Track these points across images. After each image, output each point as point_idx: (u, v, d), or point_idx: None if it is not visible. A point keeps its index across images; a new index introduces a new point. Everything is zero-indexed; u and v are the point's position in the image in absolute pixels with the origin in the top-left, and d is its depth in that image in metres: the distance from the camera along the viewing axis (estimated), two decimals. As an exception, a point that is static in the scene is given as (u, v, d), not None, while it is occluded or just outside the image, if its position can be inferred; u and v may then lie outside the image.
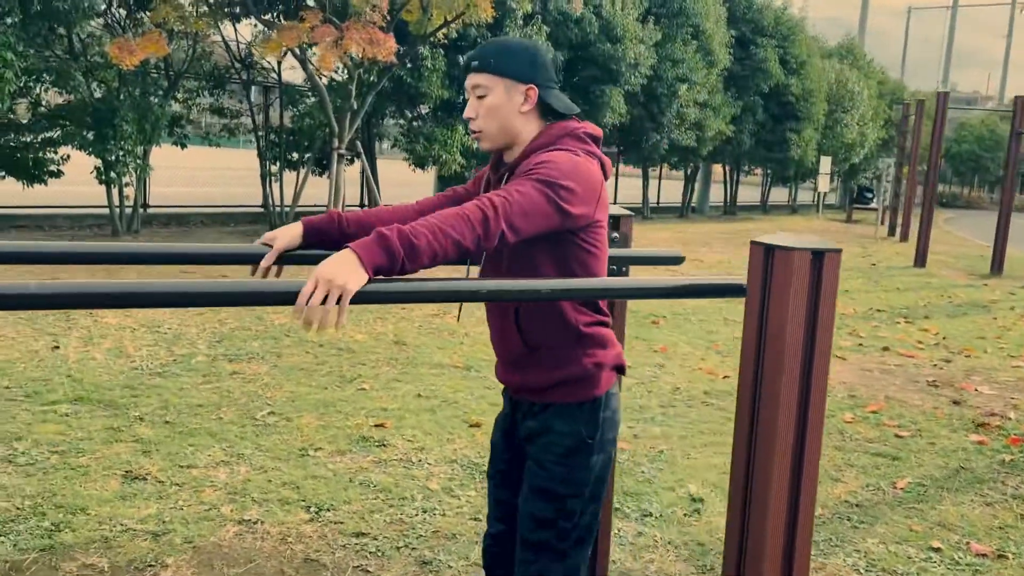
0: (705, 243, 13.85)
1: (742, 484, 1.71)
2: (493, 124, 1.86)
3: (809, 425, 1.64)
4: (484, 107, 1.85)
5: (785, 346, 1.58)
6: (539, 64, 1.87)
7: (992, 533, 3.20)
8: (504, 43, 1.89)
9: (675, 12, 15.20)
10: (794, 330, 1.58)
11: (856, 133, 21.77)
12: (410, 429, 3.96)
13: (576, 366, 1.85)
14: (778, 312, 1.58)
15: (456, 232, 1.57)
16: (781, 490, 1.65)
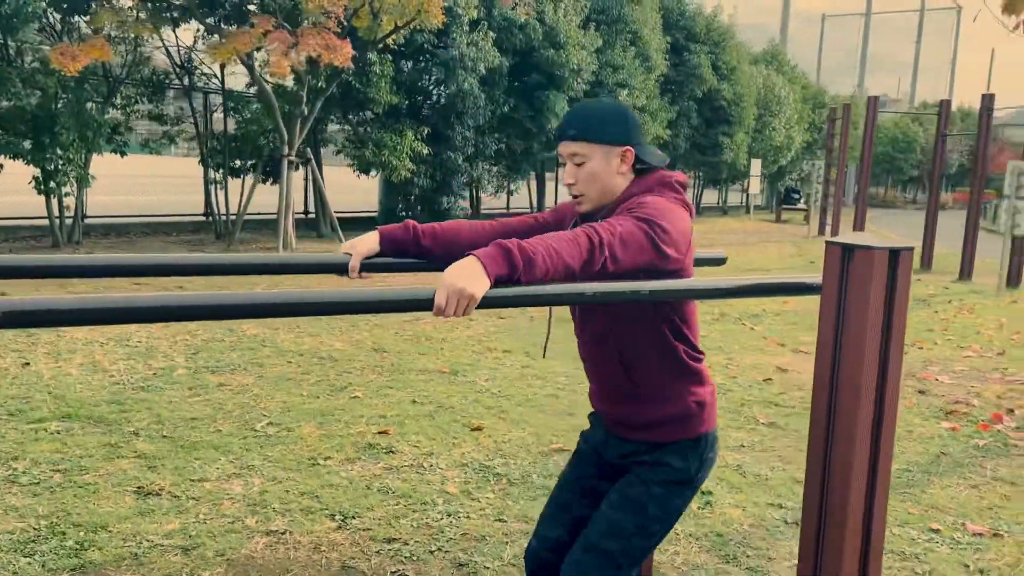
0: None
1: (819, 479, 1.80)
2: (594, 188, 1.93)
3: (884, 420, 1.74)
4: (584, 173, 1.92)
5: (865, 343, 1.68)
6: (631, 125, 1.94)
7: (983, 513, 3.40)
8: (598, 110, 1.94)
9: (614, 19, 15.49)
10: (873, 327, 1.69)
11: (784, 136, 22.52)
12: (413, 435, 3.98)
13: (680, 403, 1.93)
14: (858, 310, 1.69)
15: (567, 255, 1.63)
16: (859, 484, 1.74)
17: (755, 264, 11.93)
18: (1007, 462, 4.03)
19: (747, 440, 4.17)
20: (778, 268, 11.55)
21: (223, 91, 12.36)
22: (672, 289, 1.80)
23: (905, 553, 3.03)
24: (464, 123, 13.14)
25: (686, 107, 18.65)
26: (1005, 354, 6.51)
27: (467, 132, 13.27)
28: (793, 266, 12.02)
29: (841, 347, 1.71)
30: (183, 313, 1.37)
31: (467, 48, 12.28)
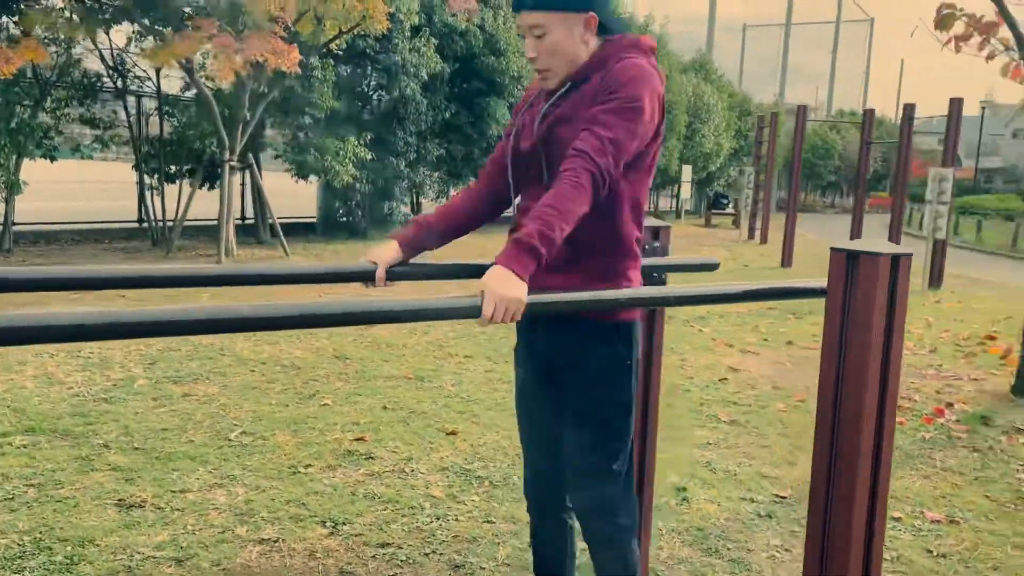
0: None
1: (824, 477, 1.92)
2: (558, 61, 1.85)
3: (887, 415, 1.87)
4: (546, 46, 1.83)
5: (870, 343, 1.81)
6: None
7: (938, 502, 3.62)
8: None
9: (552, 27, 15.67)
10: (877, 328, 1.82)
11: (713, 143, 23.14)
12: (390, 441, 4.00)
13: (618, 280, 1.91)
14: (863, 313, 1.81)
15: (579, 206, 1.70)
16: (864, 482, 1.87)
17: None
18: (953, 453, 4.28)
19: (712, 438, 4.33)
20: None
21: (159, 95, 12.07)
22: (693, 295, 1.90)
23: (872, 541, 3.21)
24: (406, 128, 13.13)
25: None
26: (936, 351, 6.86)
27: (409, 138, 13.26)
28: (731, 269, 12.37)
29: (847, 347, 1.83)
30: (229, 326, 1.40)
31: (409, 54, 12.29)
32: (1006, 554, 3.13)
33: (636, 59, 1.84)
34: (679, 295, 1.93)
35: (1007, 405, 5.19)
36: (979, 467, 4.09)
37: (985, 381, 5.85)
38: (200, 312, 1.32)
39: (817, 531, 1.94)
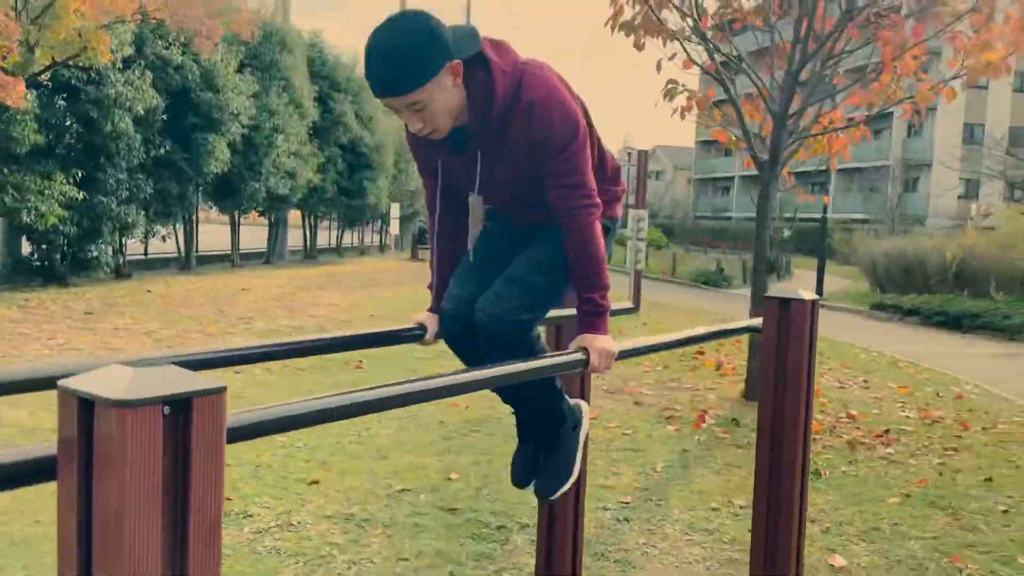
0: (320, 286, 14.35)
1: (766, 487, 2.49)
2: (443, 119, 1.85)
3: (809, 426, 2.50)
4: (427, 115, 1.83)
5: (802, 369, 2.42)
6: (441, 37, 1.78)
7: (736, 491, 4.45)
8: (402, 46, 1.75)
9: (268, 65, 15.50)
10: (804, 357, 2.43)
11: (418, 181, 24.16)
12: (256, 497, 3.97)
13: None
14: (795, 346, 2.42)
15: (600, 246, 2.03)
16: (797, 487, 2.47)
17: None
18: (727, 451, 5.22)
19: (543, 460, 4.83)
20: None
21: None
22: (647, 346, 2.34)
23: (709, 529, 3.91)
24: (117, 165, 12.19)
25: (333, 153, 19.18)
26: (668, 367, 8.06)
27: (120, 175, 12.32)
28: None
29: (785, 373, 2.43)
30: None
31: (123, 87, 11.48)
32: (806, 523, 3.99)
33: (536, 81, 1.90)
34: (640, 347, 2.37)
35: (744, 407, 6.34)
36: (748, 460, 5.02)
37: (718, 389, 7.06)
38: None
39: (762, 520, 2.50)
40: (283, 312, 10.86)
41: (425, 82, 1.76)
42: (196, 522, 0.92)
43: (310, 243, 22.75)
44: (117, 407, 0.84)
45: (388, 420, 5.48)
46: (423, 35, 1.75)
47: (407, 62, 1.74)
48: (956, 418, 6.46)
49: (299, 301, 12.15)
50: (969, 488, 4.71)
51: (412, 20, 1.78)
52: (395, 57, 1.74)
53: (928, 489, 4.64)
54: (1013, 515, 4.29)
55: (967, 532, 4.02)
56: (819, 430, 5.80)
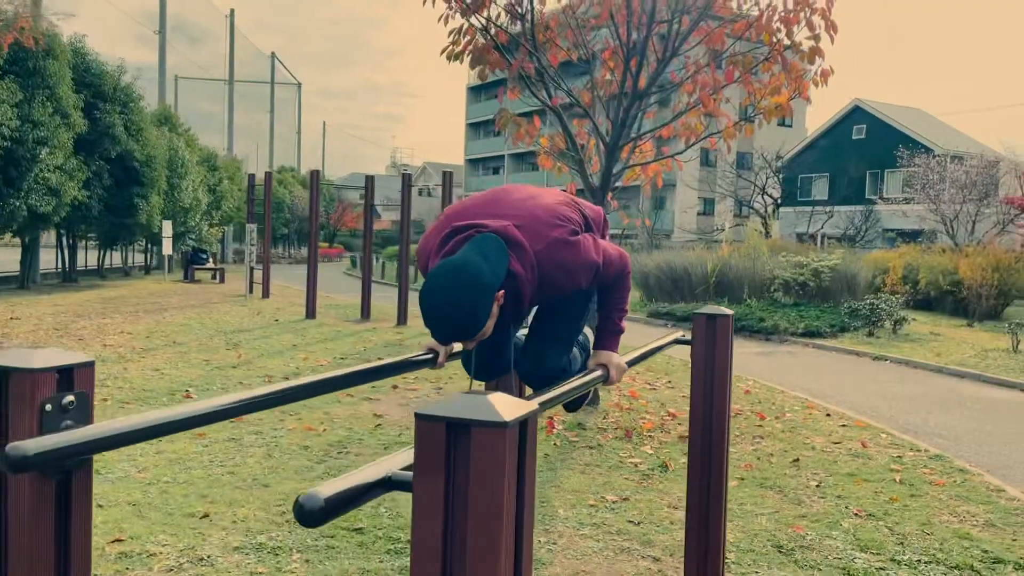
0: (99, 313, 13.25)
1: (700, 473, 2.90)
2: (490, 331, 2.13)
3: (729, 426, 2.94)
4: (480, 337, 2.12)
5: (726, 376, 2.86)
6: (491, 286, 2.03)
7: (604, 488, 4.90)
8: (466, 309, 2.00)
9: (30, 72, 14.05)
10: (726, 365, 2.87)
11: (191, 198, 22.85)
12: (150, 536, 3.81)
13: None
14: (720, 355, 2.86)
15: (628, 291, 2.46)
16: (725, 468, 2.91)
17: (234, 325, 12.27)
18: (582, 453, 5.68)
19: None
20: (256, 327, 12.14)
21: None
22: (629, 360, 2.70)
23: (596, 524, 4.31)
24: None
25: (100, 167, 17.73)
26: (495, 380, 8.45)
27: None
28: (261, 324, 12.71)
29: (713, 377, 2.85)
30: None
31: None
32: (670, 509, 4.51)
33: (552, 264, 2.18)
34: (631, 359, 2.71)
35: (583, 412, 6.87)
36: (603, 459, 5.53)
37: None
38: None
39: (696, 500, 2.91)
40: (72, 342, 9.99)
41: (483, 327, 2.05)
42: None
43: (68, 265, 20.79)
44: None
45: (249, 449, 5.37)
46: (479, 295, 1.99)
47: (471, 323, 2.00)
48: (752, 410, 7.41)
49: (84, 329, 11.20)
50: (784, 469, 5.51)
51: (465, 279, 2.00)
52: (460, 322, 2.00)
53: (755, 472, 5.37)
54: (824, 488, 5.10)
55: (796, 505, 4.75)
56: (651, 428, 6.45)
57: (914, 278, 18.10)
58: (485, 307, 2.01)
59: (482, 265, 2.02)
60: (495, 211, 2.20)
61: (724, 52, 6.60)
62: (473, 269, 2.01)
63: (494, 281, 2.03)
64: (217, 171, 27.30)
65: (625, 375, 2.68)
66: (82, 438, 1.31)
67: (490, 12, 6.40)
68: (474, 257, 2.03)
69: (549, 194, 2.37)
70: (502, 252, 2.08)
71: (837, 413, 7.58)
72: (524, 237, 2.14)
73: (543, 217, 2.19)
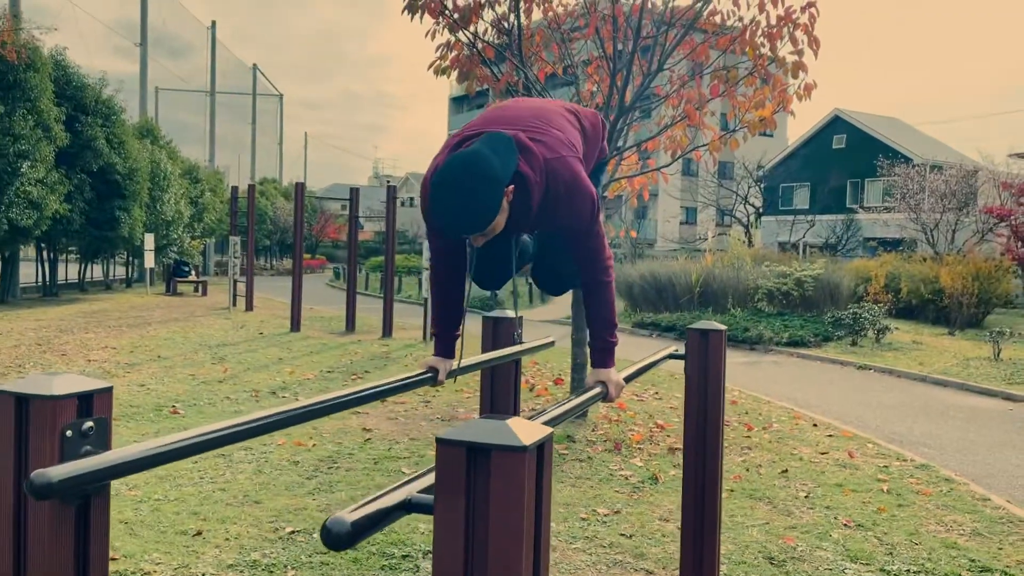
0: (82, 328, 13.14)
1: (694, 480, 2.94)
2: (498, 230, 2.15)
3: (722, 447, 2.98)
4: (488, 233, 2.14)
5: (719, 388, 2.90)
6: (499, 178, 2.03)
7: (594, 501, 4.93)
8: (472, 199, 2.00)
9: (10, 85, 13.96)
10: (720, 379, 2.91)
11: (174, 210, 22.73)
12: (143, 554, 3.80)
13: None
14: (714, 370, 2.90)
15: (613, 296, 2.48)
16: (720, 479, 2.94)
17: (218, 339, 12.21)
18: (572, 466, 5.70)
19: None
20: (241, 341, 12.09)
21: None
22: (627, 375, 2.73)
23: (588, 537, 4.33)
24: None
25: (81, 180, 17.61)
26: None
27: None
28: (246, 337, 12.66)
29: (707, 392, 2.89)
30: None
31: None
32: (661, 522, 4.54)
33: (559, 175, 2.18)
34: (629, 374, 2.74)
35: (572, 425, 6.89)
36: (593, 472, 5.56)
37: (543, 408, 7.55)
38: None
39: (691, 514, 2.94)
40: (55, 357, 9.91)
41: (494, 218, 2.05)
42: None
43: (48, 279, 20.61)
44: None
45: (239, 465, 5.36)
46: (488, 183, 1.99)
47: (480, 211, 2.00)
48: (739, 420, 7.47)
49: (67, 344, 11.11)
50: (773, 480, 5.56)
51: (475, 167, 2.01)
52: (469, 209, 1.99)
53: (744, 484, 5.42)
54: (813, 499, 5.15)
55: (785, 516, 4.79)
56: (640, 440, 6.49)
57: (896, 287, 18.30)
58: (495, 199, 1.99)
59: (492, 158, 2.01)
60: (508, 124, 2.22)
61: (708, 66, 6.68)
62: (483, 161, 2.01)
63: (504, 174, 2.02)
64: (199, 183, 27.17)
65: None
66: (102, 464, 1.32)
67: (477, 27, 6.46)
68: (484, 150, 2.03)
69: (557, 112, 2.39)
70: (511, 150, 2.08)
71: (823, 423, 7.65)
72: (535, 146, 2.15)
73: (557, 135, 2.23)
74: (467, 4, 5.95)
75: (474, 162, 2.02)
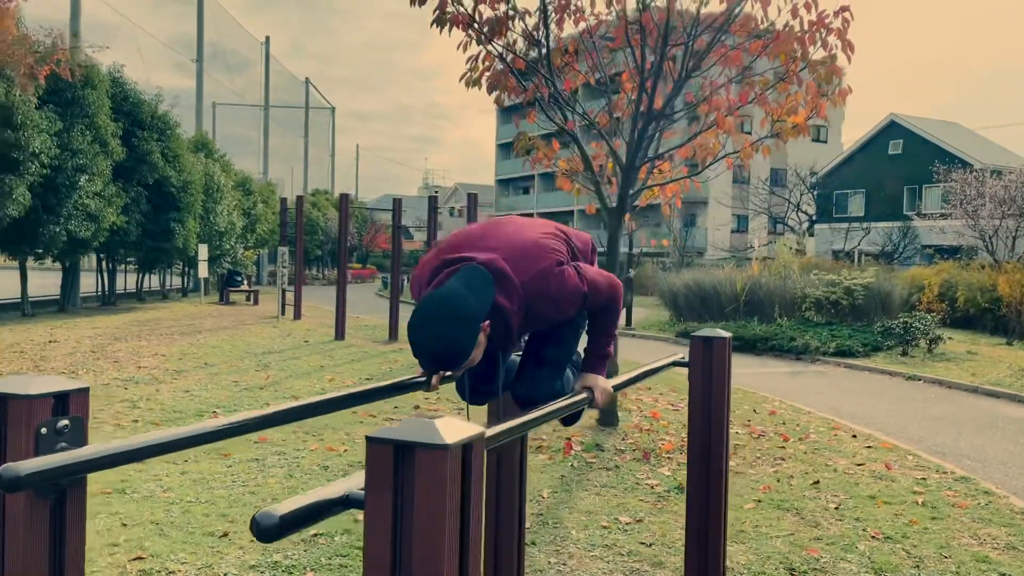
0: (136, 335, 13.55)
1: (697, 492, 2.93)
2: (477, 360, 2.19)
3: (728, 446, 2.97)
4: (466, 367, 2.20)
5: (724, 396, 2.89)
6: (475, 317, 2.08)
7: (618, 509, 4.92)
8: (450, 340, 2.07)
9: (69, 102, 14.54)
10: (724, 387, 2.90)
11: (226, 221, 23.31)
12: (170, 554, 3.92)
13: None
14: (717, 377, 2.89)
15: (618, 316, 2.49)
16: (723, 489, 2.93)
17: (263, 347, 12.49)
18: (599, 474, 5.70)
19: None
20: (286, 349, 12.33)
21: None
22: (617, 384, 2.75)
23: (607, 545, 4.33)
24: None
25: (138, 193, 18.20)
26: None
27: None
28: (291, 345, 12.91)
29: (711, 400, 2.89)
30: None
31: (-90, 123, 10.43)
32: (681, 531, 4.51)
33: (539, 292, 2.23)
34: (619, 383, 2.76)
35: (602, 433, 6.89)
36: (619, 480, 5.55)
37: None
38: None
39: (694, 527, 2.93)
40: (107, 364, 10.24)
41: (468, 357, 2.10)
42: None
43: (107, 288, 21.28)
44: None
45: (271, 469, 5.48)
46: (464, 326, 2.05)
47: (456, 352, 2.06)
48: (775, 431, 7.37)
49: (120, 352, 11.47)
50: (803, 491, 5.47)
51: (451, 311, 2.06)
52: (446, 351, 2.06)
53: (772, 495, 5.35)
54: (843, 511, 5.06)
55: (812, 528, 4.72)
56: (670, 449, 6.45)
57: (952, 295, 17.82)
58: (469, 338, 2.07)
59: (467, 297, 2.08)
60: (484, 244, 2.27)
61: (741, 73, 6.63)
62: (457, 301, 2.07)
63: (479, 313, 2.08)
64: (252, 195, 27.80)
65: (648, 395, 2.77)
66: (73, 459, 1.39)
67: (508, 39, 6.52)
68: (460, 289, 2.10)
69: (537, 226, 2.43)
70: (488, 284, 2.13)
71: (863, 434, 7.50)
72: (511, 269, 2.19)
73: (530, 249, 2.26)
74: (494, 17, 6.02)
75: (450, 306, 2.07)
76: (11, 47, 8.97)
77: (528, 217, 2.56)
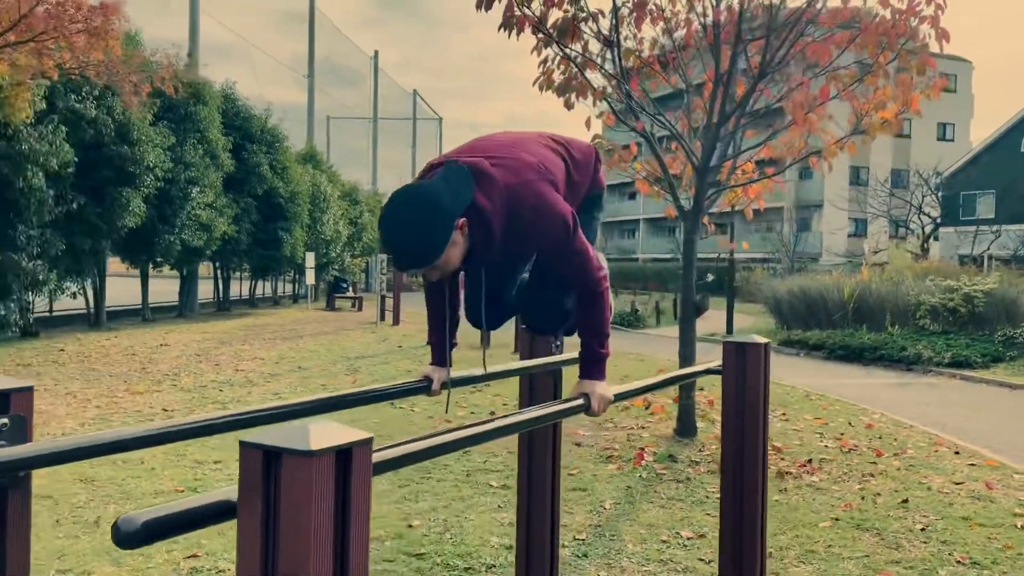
0: (241, 340, 14.14)
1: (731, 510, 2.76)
2: (454, 264, 2.09)
3: (765, 461, 2.78)
4: (442, 268, 2.07)
5: (759, 404, 2.71)
6: (446, 209, 1.98)
7: (682, 523, 4.72)
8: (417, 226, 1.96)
9: (182, 117, 15.38)
10: (761, 394, 2.73)
11: (332, 230, 24.09)
12: (225, 552, 4.01)
13: None
14: (752, 384, 2.71)
15: (608, 310, 2.36)
16: (759, 510, 2.75)
17: (358, 352, 12.79)
18: (667, 486, 5.50)
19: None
20: (380, 353, 12.58)
21: None
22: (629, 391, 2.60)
23: (662, 560, 4.16)
24: (28, 221, 11.85)
25: (248, 204, 19.02)
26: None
27: (32, 231, 11.98)
28: (385, 350, 13.16)
29: (745, 412, 2.71)
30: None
31: (36, 142, 11.23)
32: (748, 550, 4.28)
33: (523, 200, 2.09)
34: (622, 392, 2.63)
35: (678, 444, 6.67)
36: (688, 493, 5.34)
37: (650, 428, 7.37)
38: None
39: (728, 541, 2.76)
40: (208, 367, 10.70)
41: (440, 252, 1.98)
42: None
43: (222, 295, 22.32)
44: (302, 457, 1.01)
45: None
46: (433, 214, 1.95)
47: (424, 243, 1.95)
48: (869, 446, 6.95)
49: (222, 355, 11.98)
50: (889, 510, 5.12)
51: (420, 199, 1.98)
52: (412, 241, 1.96)
53: (853, 513, 5.03)
54: (930, 532, 4.70)
55: (892, 550, 4.40)
56: (749, 462, 6.16)
57: (1088, 302, 16.42)
58: (440, 232, 1.95)
59: (440, 190, 1.98)
60: (471, 151, 2.18)
61: (826, 67, 6.30)
62: (428, 192, 1.99)
63: (452, 207, 1.97)
64: (359, 204, 28.62)
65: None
66: (9, 457, 1.40)
67: (582, 40, 6.42)
68: (435, 183, 2.01)
69: (536, 141, 2.31)
70: (467, 181, 2.03)
71: (968, 451, 6.98)
72: (496, 172, 2.08)
73: (524, 159, 2.16)
74: (559, 19, 5.93)
75: (419, 196, 2.00)
76: (116, 65, 9.54)
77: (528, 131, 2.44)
